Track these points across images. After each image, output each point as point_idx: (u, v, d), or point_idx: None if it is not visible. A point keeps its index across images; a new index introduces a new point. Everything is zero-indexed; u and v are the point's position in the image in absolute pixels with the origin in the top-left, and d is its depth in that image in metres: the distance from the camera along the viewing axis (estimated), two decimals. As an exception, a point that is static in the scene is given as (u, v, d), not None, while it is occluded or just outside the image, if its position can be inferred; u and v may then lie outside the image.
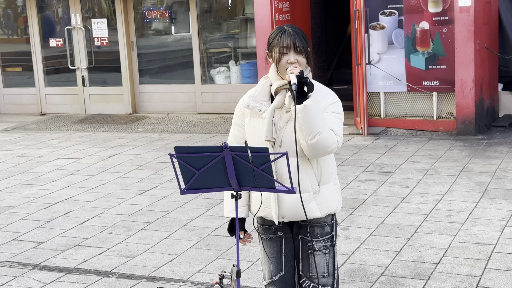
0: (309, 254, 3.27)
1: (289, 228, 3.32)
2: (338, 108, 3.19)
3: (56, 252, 5.47)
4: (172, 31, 11.80)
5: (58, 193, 7.16)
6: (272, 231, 3.31)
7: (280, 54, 3.11)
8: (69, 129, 10.80)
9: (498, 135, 8.59)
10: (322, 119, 3.03)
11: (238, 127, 3.29)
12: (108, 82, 11.91)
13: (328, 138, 3.04)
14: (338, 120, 3.15)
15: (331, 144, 3.05)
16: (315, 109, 3.00)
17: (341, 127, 3.16)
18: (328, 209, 3.23)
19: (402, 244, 5.20)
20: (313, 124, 2.99)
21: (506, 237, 5.21)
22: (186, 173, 2.92)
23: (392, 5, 8.94)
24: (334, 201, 3.26)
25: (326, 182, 3.22)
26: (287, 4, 9.86)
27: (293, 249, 3.34)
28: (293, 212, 3.18)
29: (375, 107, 9.32)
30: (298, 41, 3.10)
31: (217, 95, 11.15)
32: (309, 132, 3.00)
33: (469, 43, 8.42)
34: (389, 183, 6.81)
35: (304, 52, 3.12)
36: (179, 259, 5.19)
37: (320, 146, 3.03)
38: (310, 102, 2.98)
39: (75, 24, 11.83)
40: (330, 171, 3.24)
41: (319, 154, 3.09)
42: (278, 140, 3.14)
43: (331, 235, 3.28)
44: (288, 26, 3.17)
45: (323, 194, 3.20)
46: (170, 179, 7.43)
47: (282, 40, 3.10)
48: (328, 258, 3.27)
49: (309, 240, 3.25)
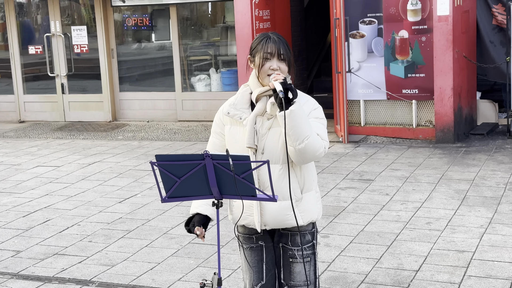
0: (290, 263, 3.27)
1: (270, 237, 3.32)
2: (321, 114, 3.21)
3: (35, 261, 5.42)
4: (153, 38, 11.79)
5: (37, 201, 7.11)
6: (253, 240, 3.31)
7: (263, 60, 3.13)
8: (48, 136, 10.73)
9: (476, 143, 8.67)
10: (308, 124, 3.05)
11: (217, 135, 3.29)
12: (88, 89, 11.85)
13: (315, 143, 3.05)
14: (322, 126, 3.18)
15: (319, 148, 3.07)
16: (301, 114, 3.01)
17: (325, 132, 3.18)
18: (310, 217, 3.24)
19: (382, 252, 5.22)
20: (300, 129, 3.01)
21: (485, 244, 5.26)
22: (167, 181, 2.91)
23: (372, 14, 9.01)
24: (316, 209, 3.27)
25: (309, 190, 3.23)
26: (268, 12, 9.90)
27: (274, 258, 3.34)
28: (275, 219, 3.18)
29: (355, 115, 9.37)
30: (282, 48, 3.13)
31: (198, 102, 11.14)
32: (297, 137, 3.01)
33: (447, 51, 8.50)
34: (369, 190, 6.84)
35: (287, 60, 3.15)
36: (160, 267, 5.17)
37: (309, 151, 3.04)
38: (295, 107, 2.99)
39: (54, 31, 11.77)
40: (312, 179, 3.25)
41: (307, 159, 3.10)
42: (260, 147, 3.14)
43: (312, 243, 3.29)
44: (273, 34, 3.19)
45: (306, 202, 3.21)
46: (150, 187, 7.40)
47: (266, 46, 3.13)
48: (310, 266, 3.28)
49: (290, 249, 3.26)
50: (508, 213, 5.95)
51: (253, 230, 3.26)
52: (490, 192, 6.56)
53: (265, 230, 3.28)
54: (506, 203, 6.23)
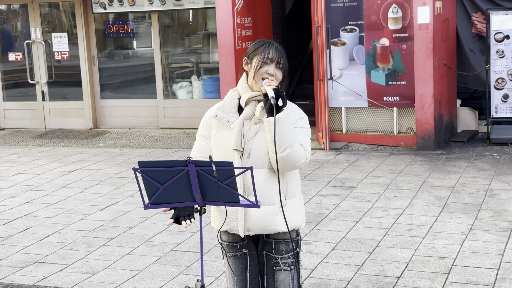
0: (274, 271, 3.27)
1: (254, 244, 3.31)
2: (306, 124, 3.25)
3: (15, 269, 5.37)
4: (134, 45, 11.76)
5: (17, 209, 7.04)
6: (237, 248, 3.30)
7: (262, 63, 3.15)
8: (28, 144, 10.65)
9: (457, 150, 8.74)
10: (293, 133, 3.08)
11: (204, 138, 3.29)
12: (69, 96, 11.79)
13: (298, 153, 3.08)
14: (307, 136, 3.21)
15: (300, 158, 3.09)
16: (287, 122, 3.04)
17: (309, 143, 3.21)
18: (294, 224, 3.24)
19: (364, 258, 5.24)
20: (285, 137, 3.03)
21: (466, 251, 5.29)
22: (150, 188, 2.90)
23: (353, 22, 9.06)
24: (299, 216, 3.28)
25: (292, 196, 3.24)
26: (250, 20, 9.92)
27: (258, 266, 3.34)
28: (259, 225, 3.18)
29: (337, 122, 9.41)
30: (282, 58, 3.19)
31: (179, 110, 11.12)
32: (280, 144, 3.03)
33: (428, 59, 8.57)
34: (351, 197, 6.86)
35: (283, 70, 3.20)
36: (141, 275, 5.14)
37: (290, 160, 3.07)
38: (283, 115, 3.02)
39: (35, 38, 11.70)
40: (296, 185, 3.26)
41: (287, 168, 3.11)
42: (247, 151, 3.15)
43: (296, 251, 3.29)
44: (275, 42, 3.24)
45: (290, 208, 3.21)
46: (132, 194, 7.36)
47: (268, 51, 3.16)
48: (293, 274, 3.28)
49: (273, 257, 3.26)
50: (488, 219, 6.00)
51: (237, 237, 3.26)
52: (471, 199, 6.61)
53: (249, 238, 3.28)
54: (486, 209, 6.28)
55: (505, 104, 9.04)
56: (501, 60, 8.98)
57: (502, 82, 9.02)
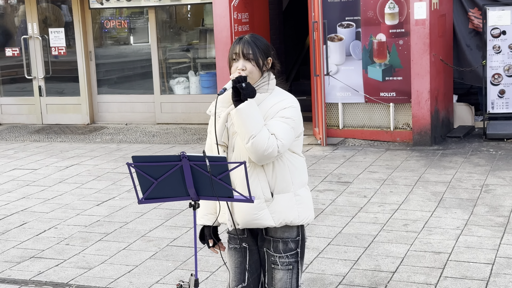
0: (272, 269, 3.26)
1: (254, 239, 3.31)
2: (288, 113, 3.13)
3: (11, 264, 5.37)
4: (131, 41, 11.75)
5: (13, 204, 7.05)
6: (237, 241, 3.31)
7: (231, 60, 3.20)
8: (25, 139, 10.64)
9: (453, 146, 8.75)
10: (257, 123, 3.02)
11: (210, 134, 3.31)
12: (66, 92, 11.78)
13: (263, 142, 3.01)
14: (284, 125, 3.10)
15: (267, 148, 3.01)
16: (247, 112, 3.01)
17: (285, 132, 3.09)
18: (284, 219, 3.18)
19: (359, 253, 5.25)
20: (245, 127, 3.01)
21: (461, 246, 5.31)
22: (144, 182, 2.91)
23: (350, 17, 9.06)
24: (294, 212, 3.20)
25: (283, 192, 3.19)
26: (246, 15, 9.91)
27: (259, 261, 3.34)
28: (244, 218, 3.17)
29: (333, 117, 9.41)
30: (248, 48, 3.15)
31: (176, 105, 11.12)
32: (243, 135, 3.03)
33: (424, 55, 8.57)
34: (347, 193, 6.88)
35: (254, 60, 3.15)
36: (137, 270, 5.15)
37: (256, 150, 3.02)
38: (243, 106, 3.01)
39: (32, 33, 11.68)
40: (290, 181, 3.20)
41: (259, 158, 3.05)
42: (231, 145, 3.18)
43: (296, 252, 3.25)
44: (249, 35, 3.22)
45: (278, 203, 3.17)
46: (128, 189, 7.37)
47: (234, 47, 3.19)
48: (291, 274, 3.25)
49: (272, 255, 3.25)
50: (483, 215, 6.02)
51: (238, 230, 3.27)
52: (466, 194, 6.63)
53: (249, 233, 3.29)
54: (482, 205, 6.29)
55: (502, 100, 9.06)
56: (498, 55, 8.99)
57: (498, 77, 9.03)
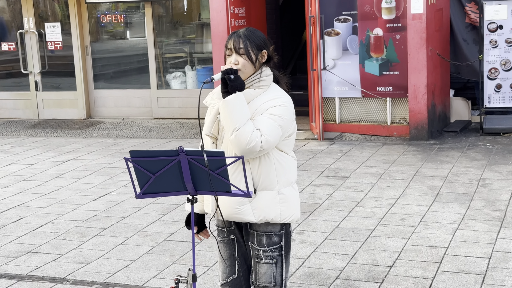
0: (256, 263, 3.27)
1: (241, 232, 3.32)
2: (278, 111, 3.11)
3: (8, 259, 5.37)
4: (127, 35, 11.72)
5: (10, 199, 7.04)
6: (225, 233, 3.33)
7: (226, 56, 3.21)
8: (21, 134, 10.62)
9: (449, 140, 8.76)
10: (242, 116, 3.02)
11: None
12: (62, 86, 11.75)
13: (246, 135, 3.00)
14: (271, 121, 3.08)
15: (250, 141, 3.00)
16: (233, 105, 3.01)
17: (271, 128, 3.07)
18: (265, 216, 3.17)
19: (356, 248, 5.26)
20: (230, 120, 3.02)
21: (458, 240, 5.32)
22: (142, 177, 2.91)
23: (347, 12, 9.05)
24: (276, 210, 3.18)
25: (267, 189, 3.17)
26: (243, 10, 9.90)
27: (246, 254, 3.35)
28: (226, 211, 3.17)
29: (330, 112, 9.41)
30: (240, 43, 3.14)
31: (173, 100, 11.11)
32: (228, 128, 3.04)
33: (421, 49, 8.57)
34: (344, 187, 6.88)
35: (246, 54, 3.14)
36: (135, 264, 5.15)
37: (239, 143, 3.01)
38: (230, 98, 3.01)
39: (28, 28, 11.65)
40: (275, 179, 3.18)
41: (242, 151, 3.03)
42: (220, 137, 3.20)
43: (280, 246, 3.25)
44: (244, 29, 3.22)
45: (260, 200, 3.16)
46: (125, 184, 7.36)
47: (228, 42, 3.20)
48: (276, 267, 3.25)
49: (256, 249, 3.25)
50: (480, 209, 6.03)
51: (225, 222, 3.27)
52: (463, 189, 6.64)
53: (235, 225, 3.30)
54: (478, 199, 6.30)
55: (498, 94, 9.06)
56: (494, 50, 9.00)
57: (495, 72, 9.03)
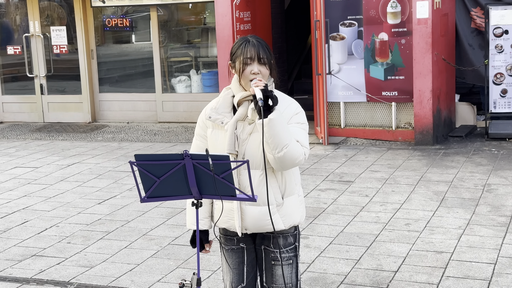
0: (272, 265, 3.25)
1: (252, 239, 3.30)
2: (302, 119, 3.17)
3: (13, 262, 5.37)
4: (133, 39, 11.73)
5: (15, 202, 7.04)
6: (234, 242, 3.29)
7: (243, 65, 3.09)
8: (26, 137, 10.64)
9: (455, 145, 8.74)
10: (288, 132, 3.00)
11: (201, 137, 3.26)
12: (67, 90, 11.78)
13: (295, 151, 3.01)
14: (303, 131, 3.13)
15: (298, 156, 3.03)
16: (280, 122, 2.97)
17: (306, 138, 3.13)
18: (292, 221, 3.21)
19: (361, 253, 5.24)
20: (279, 137, 2.96)
21: (463, 245, 5.30)
22: (147, 181, 2.90)
23: (352, 16, 9.05)
24: (298, 213, 3.24)
25: (290, 194, 3.20)
26: (248, 14, 9.90)
27: (255, 260, 3.33)
28: (255, 224, 3.16)
29: (335, 117, 9.40)
30: (262, 52, 3.09)
31: (178, 104, 11.12)
32: (275, 145, 2.97)
33: (427, 54, 8.56)
34: (348, 192, 6.87)
35: (268, 64, 3.11)
36: (139, 268, 5.15)
37: (288, 159, 3.01)
38: (275, 116, 2.94)
39: (33, 32, 11.68)
40: (294, 182, 3.22)
41: (286, 167, 3.07)
42: (241, 152, 3.11)
43: (294, 246, 3.27)
44: (252, 37, 3.15)
45: (287, 207, 3.18)
46: (130, 188, 7.36)
47: (246, 51, 3.09)
48: (292, 268, 3.26)
49: (272, 251, 3.24)
50: (485, 214, 6.01)
51: (235, 232, 3.25)
52: (468, 194, 6.62)
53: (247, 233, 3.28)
54: (483, 204, 6.28)
55: (504, 99, 9.04)
56: (500, 55, 8.98)
57: (500, 77, 9.01)
